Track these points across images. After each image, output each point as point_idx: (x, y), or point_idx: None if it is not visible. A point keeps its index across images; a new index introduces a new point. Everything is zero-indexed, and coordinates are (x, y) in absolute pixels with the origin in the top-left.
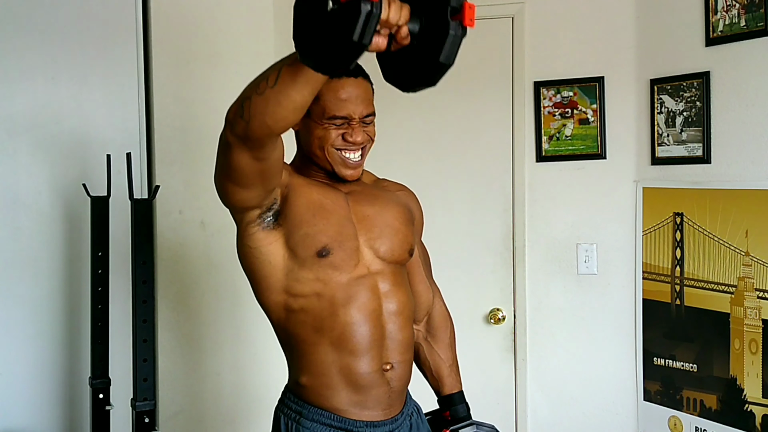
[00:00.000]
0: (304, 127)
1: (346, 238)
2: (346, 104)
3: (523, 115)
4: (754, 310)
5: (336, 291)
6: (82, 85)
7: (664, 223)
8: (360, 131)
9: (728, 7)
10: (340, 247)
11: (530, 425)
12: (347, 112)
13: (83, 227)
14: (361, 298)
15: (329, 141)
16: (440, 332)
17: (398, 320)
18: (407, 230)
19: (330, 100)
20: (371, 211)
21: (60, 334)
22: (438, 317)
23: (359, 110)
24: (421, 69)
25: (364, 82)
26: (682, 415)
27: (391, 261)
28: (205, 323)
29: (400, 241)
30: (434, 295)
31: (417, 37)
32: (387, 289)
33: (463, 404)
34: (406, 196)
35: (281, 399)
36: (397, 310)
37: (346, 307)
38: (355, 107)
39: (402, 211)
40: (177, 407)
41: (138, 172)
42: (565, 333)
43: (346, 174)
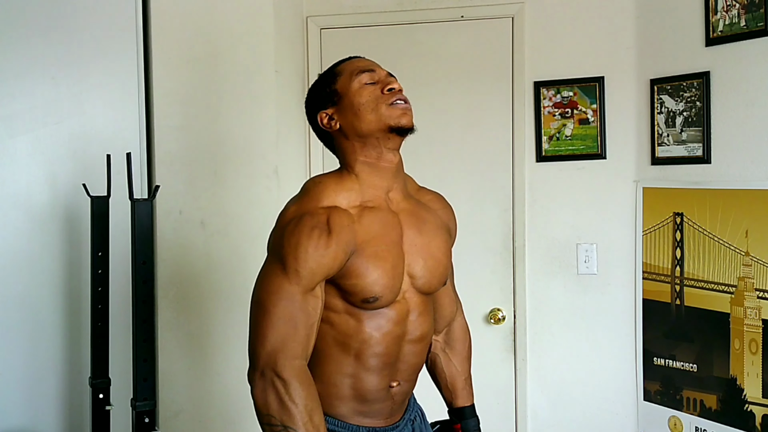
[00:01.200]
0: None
1: (397, 279)
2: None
3: (523, 115)
4: (754, 310)
5: (368, 315)
6: (82, 85)
7: (664, 223)
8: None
9: (728, 7)
10: (391, 291)
11: (530, 425)
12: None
13: (83, 227)
14: (389, 323)
15: (375, 99)
16: (459, 344)
17: (417, 347)
18: (447, 261)
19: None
20: (419, 241)
21: (60, 334)
22: (458, 330)
23: (383, 73)
24: None
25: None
26: (682, 415)
27: (426, 292)
28: (205, 323)
29: (440, 274)
30: (458, 309)
31: None
32: (415, 317)
33: (474, 418)
34: (446, 215)
35: None
36: (418, 337)
37: (372, 328)
38: (379, 69)
39: (446, 239)
40: (177, 407)
41: (138, 172)
42: (565, 333)
43: (404, 121)
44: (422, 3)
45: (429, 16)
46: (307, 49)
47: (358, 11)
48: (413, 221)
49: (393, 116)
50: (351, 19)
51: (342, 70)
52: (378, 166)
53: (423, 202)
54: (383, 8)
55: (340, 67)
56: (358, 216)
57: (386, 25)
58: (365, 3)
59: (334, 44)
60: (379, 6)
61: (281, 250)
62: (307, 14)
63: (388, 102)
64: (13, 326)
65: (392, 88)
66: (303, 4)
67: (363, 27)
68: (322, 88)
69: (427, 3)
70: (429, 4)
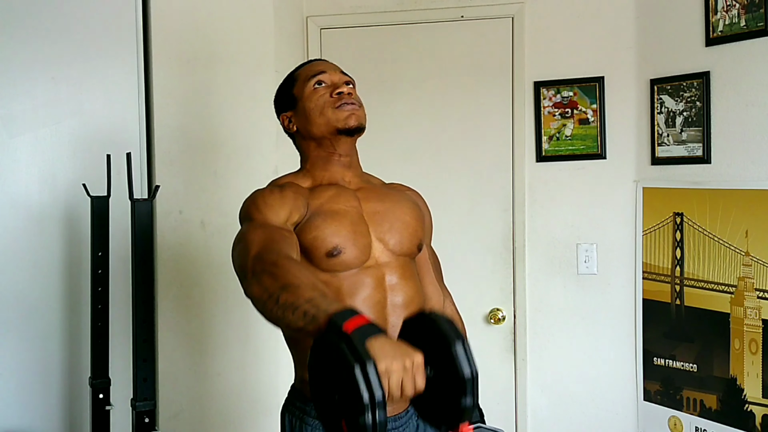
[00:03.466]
0: (299, 115)
1: (359, 236)
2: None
3: (523, 115)
4: (754, 310)
5: (343, 281)
6: (82, 85)
7: (664, 223)
8: (348, 86)
9: (728, 7)
10: (353, 244)
11: (530, 425)
12: (327, 77)
13: (83, 227)
14: (367, 289)
15: (323, 103)
16: None
17: (404, 313)
18: (417, 224)
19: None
20: (381, 207)
21: (60, 334)
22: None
23: (338, 76)
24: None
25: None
26: (682, 415)
27: (400, 254)
28: (205, 323)
29: (409, 234)
30: (445, 298)
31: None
32: (394, 281)
33: (476, 409)
34: (414, 196)
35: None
36: (403, 303)
37: (352, 298)
38: (333, 74)
39: (412, 206)
40: (177, 407)
41: (138, 172)
42: (565, 333)
43: (351, 122)
44: (422, 3)
45: (429, 16)
46: (307, 49)
47: (358, 11)
48: (372, 195)
49: (340, 119)
50: (351, 19)
51: (299, 75)
52: (331, 160)
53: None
54: (383, 8)
55: (299, 71)
56: (311, 189)
57: (386, 25)
58: (365, 3)
59: (334, 44)
60: (379, 6)
61: (247, 212)
62: (307, 14)
63: (335, 105)
64: (13, 326)
65: (341, 92)
66: (303, 4)
67: (363, 27)
68: (283, 92)
69: (427, 3)
70: (429, 4)
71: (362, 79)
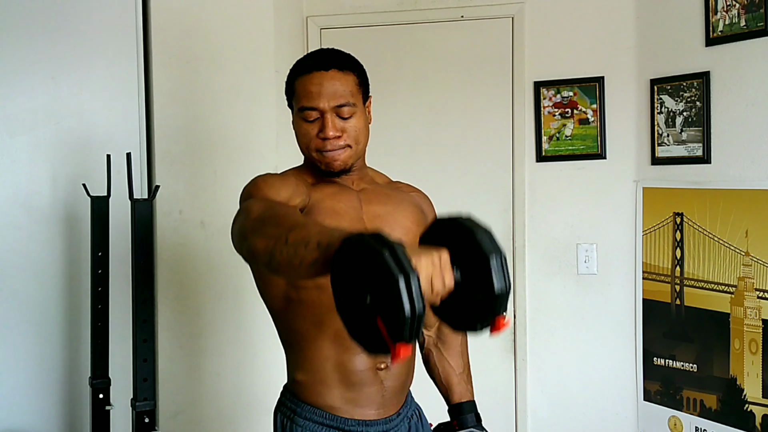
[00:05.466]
0: (294, 124)
1: None
2: (313, 95)
3: (523, 115)
4: (754, 310)
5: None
6: (82, 85)
7: (664, 223)
8: (332, 125)
9: (728, 7)
10: None
11: (530, 425)
12: (315, 104)
13: (83, 227)
14: None
15: (308, 140)
16: (450, 339)
17: None
18: (418, 230)
19: (302, 91)
20: (382, 211)
21: (60, 334)
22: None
23: (327, 101)
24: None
25: (339, 74)
26: (682, 415)
27: None
28: (205, 323)
29: (410, 240)
30: None
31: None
32: None
33: (472, 414)
34: (419, 198)
35: (279, 399)
36: None
37: None
38: (323, 99)
39: (414, 210)
40: (177, 407)
41: (138, 172)
42: (565, 333)
43: (332, 164)
44: (422, 3)
45: (429, 16)
46: (307, 49)
47: (358, 11)
48: (374, 196)
49: (323, 162)
50: (351, 19)
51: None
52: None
53: (392, 188)
54: (383, 8)
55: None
56: (312, 184)
57: (386, 25)
58: (365, 3)
59: (334, 44)
60: (379, 6)
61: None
62: (307, 14)
63: (317, 147)
64: (13, 326)
65: (325, 137)
66: (303, 4)
67: (363, 27)
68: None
69: (427, 3)
70: (429, 4)
71: None
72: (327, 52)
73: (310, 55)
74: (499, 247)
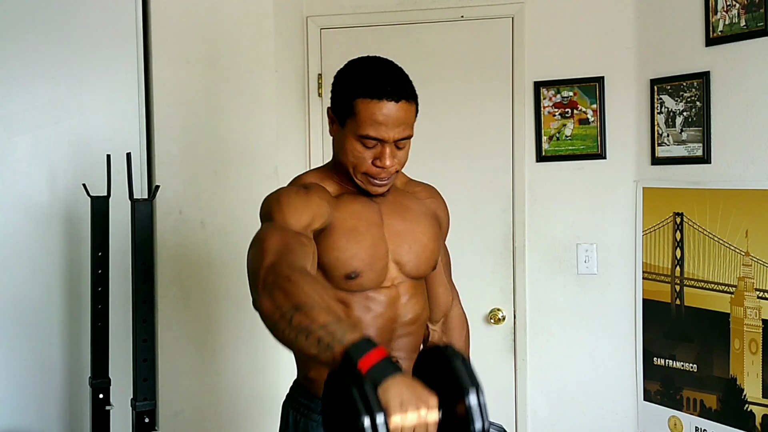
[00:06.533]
0: (339, 134)
1: (377, 259)
2: (380, 127)
3: (523, 115)
4: (754, 310)
5: (356, 299)
6: (82, 85)
7: (664, 223)
8: (391, 155)
9: (728, 7)
10: (371, 269)
11: (530, 425)
12: (380, 135)
13: (83, 227)
14: (379, 308)
15: (359, 163)
16: (456, 333)
17: (410, 327)
18: (435, 246)
19: (366, 118)
20: (403, 227)
21: (60, 334)
22: (455, 319)
23: (393, 134)
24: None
25: (406, 105)
26: (682, 415)
27: (415, 276)
28: (205, 323)
29: (426, 258)
30: (453, 298)
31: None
32: (406, 300)
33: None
34: (435, 204)
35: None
36: (411, 320)
37: (362, 314)
38: (390, 131)
39: (432, 224)
40: (177, 407)
41: (138, 172)
42: (565, 333)
43: (374, 191)
44: (422, 3)
45: (429, 16)
46: (307, 49)
47: (358, 11)
48: (395, 209)
49: (364, 184)
50: (351, 19)
51: (361, 108)
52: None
53: (409, 192)
54: (383, 8)
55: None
56: (337, 198)
57: (386, 25)
58: (365, 3)
59: (334, 44)
60: (379, 6)
61: (268, 211)
62: (307, 14)
63: (368, 173)
64: (13, 326)
65: (380, 166)
66: (303, 4)
67: (363, 27)
68: (344, 95)
69: (427, 3)
70: (429, 4)
71: None
72: (397, 78)
73: (380, 77)
74: (478, 382)
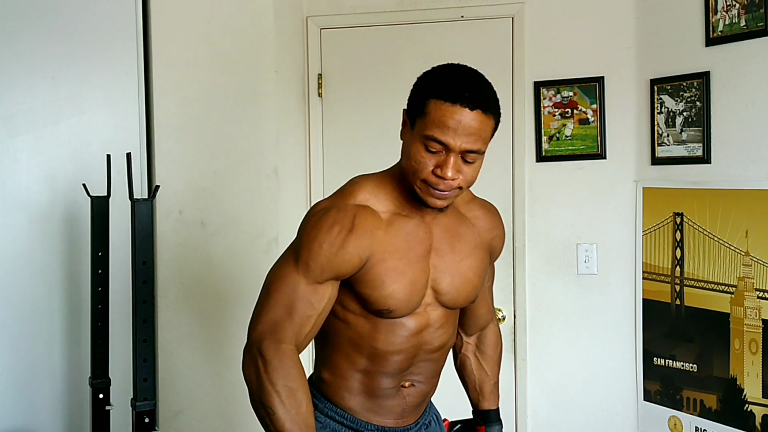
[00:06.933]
0: (407, 136)
1: (415, 292)
2: (448, 131)
3: (523, 115)
4: (754, 310)
5: (384, 323)
6: (82, 85)
7: (664, 223)
8: (454, 166)
9: (728, 7)
10: (407, 304)
11: (530, 425)
12: (446, 140)
13: (83, 227)
14: (406, 333)
15: (421, 168)
16: (490, 350)
17: (434, 354)
18: (478, 281)
19: (436, 119)
20: (450, 258)
21: (60, 334)
22: (491, 335)
23: (460, 142)
24: None
25: (482, 117)
26: (682, 415)
27: (452, 308)
28: (205, 323)
29: (467, 293)
30: (492, 315)
31: None
32: (434, 329)
33: (499, 423)
34: (492, 233)
35: None
36: (436, 347)
37: (388, 337)
38: (457, 138)
39: (481, 258)
40: (177, 407)
41: (138, 172)
42: (565, 333)
43: (431, 203)
44: (422, 3)
45: (429, 16)
46: (307, 49)
47: (358, 11)
48: (447, 236)
49: (423, 193)
50: (351, 19)
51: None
52: None
53: (467, 217)
54: (383, 8)
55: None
56: (387, 222)
57: (386, 25)
58: (365, 3)
59: (334, 44)
60: (379, 6)
61: (300, 239)
62: (307, 14)
63: (427, 180)
64: (13, 326)
65: (442, 176)
66: (303, 4)
67: (363, 27)
68: (420, 94)
69: (427, 3)
70: (429, 4)
71: (362, 79)
72: (477, 87)
73: (459, 79)
74: None
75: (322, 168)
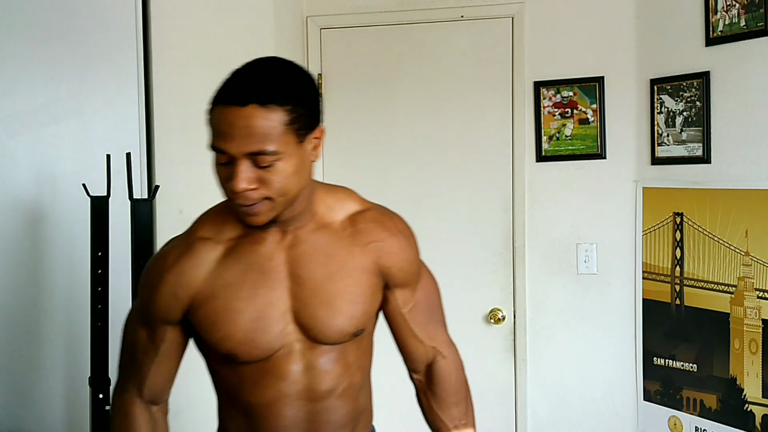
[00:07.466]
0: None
1: (264, 334)
2: (224, 136)
3: (523, 115)
4: (754, 310)
5: (244, 373)
6: (82, 85)
7: (664, 223)
8: (244, 176)
9: (728, 7)
10: (253, 348)
11: (530, 425)
12: (224, 146)
13: (83, 227)
14: (271, 380)
15: (222, 187)
16: (439, 389)
17: (329, 400)
18: (356, 309)
19: (214, 127)
20: (317, 275)
21: (60, 334)
22: (438, 372)
23: (239, 146)
24: None
25: (260, 111)
26: (682, 415)
27: (324, 342)
28: None
29: (339, 325)
30: (439, 347)
31: None
32: (322, 369)
33: None
34: (380, 249)
35: None
36: (329, 390)
37: (259, 387)
38: (234, 142)
39: (364, 281)
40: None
41: (138, 172)
42: (565, 333)
43: (250, 222)
44: (422, 3)
45: (429, 16)
46: (307, 49)
47: (358, 11)
48: (311, 256)
49: (239, 212)
50: (351, 19)
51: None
52: None
53: (348, 233)
54: (383, 8)
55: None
56: (225, 253)
57: (386, 25)
58: (365, 3)
59: (334, 44)
60: (379, 6)
61: (139, 287)
62: (307, 14)
63: (229, 196)
64: (13, 326)
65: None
66: (303, 4)
67: (363, 27)
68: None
69: (427, 3)
70: (429, 4)
71: (362, 79)
72: (252, 76)
73: (235, 76)
74: None
75: (322, 168)
